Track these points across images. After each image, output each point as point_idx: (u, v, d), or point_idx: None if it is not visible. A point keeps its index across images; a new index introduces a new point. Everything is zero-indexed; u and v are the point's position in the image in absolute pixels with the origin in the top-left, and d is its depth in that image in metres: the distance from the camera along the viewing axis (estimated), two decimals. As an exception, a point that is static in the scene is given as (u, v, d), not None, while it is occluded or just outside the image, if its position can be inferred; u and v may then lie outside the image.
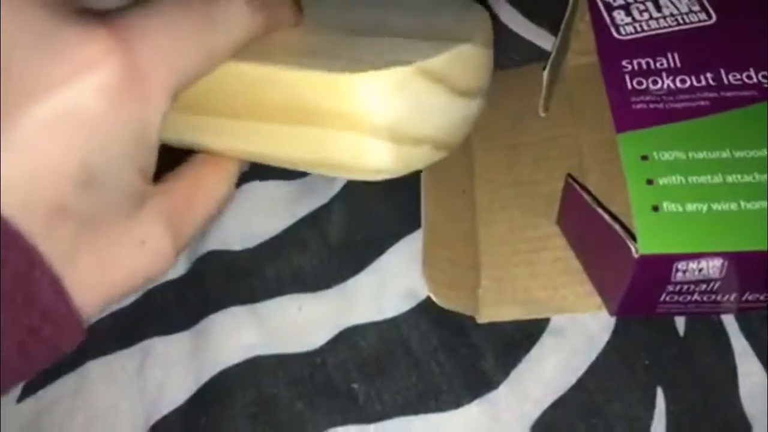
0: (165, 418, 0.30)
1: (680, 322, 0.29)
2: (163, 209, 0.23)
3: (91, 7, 0.20)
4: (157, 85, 0.20)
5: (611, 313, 0.28)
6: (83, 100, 0.19)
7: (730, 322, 0.28)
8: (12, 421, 0.30)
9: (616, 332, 0.29)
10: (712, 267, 0.24)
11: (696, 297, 0.25)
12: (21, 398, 0.31)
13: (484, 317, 0.29)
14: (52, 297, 0.19)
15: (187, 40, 0.21)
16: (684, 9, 0.29)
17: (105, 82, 0.19)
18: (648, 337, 0.28)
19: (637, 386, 0.28)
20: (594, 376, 0.28)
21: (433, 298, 0.30)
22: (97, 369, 0.31)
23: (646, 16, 0.29)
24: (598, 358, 0.28)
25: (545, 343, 0.29)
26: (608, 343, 0.29)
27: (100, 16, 0.19)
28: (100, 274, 0.21)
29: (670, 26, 0.28)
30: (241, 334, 0.31)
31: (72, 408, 0.30)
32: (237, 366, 0.30)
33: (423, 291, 0.31)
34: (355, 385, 0.29)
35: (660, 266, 0.24)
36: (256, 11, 0.23)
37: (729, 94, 0.26)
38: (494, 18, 0.38)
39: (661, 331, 0.28)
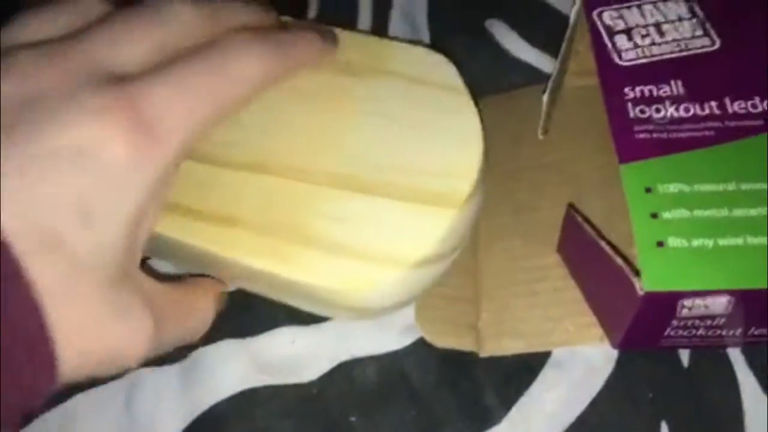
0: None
1: (685, 354, 0.28)
2: (148, 296, 0.23)
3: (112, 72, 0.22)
4: (164, 135, 0.22)
5: (614, 346, 0.27)
6: (90, 141, 0.20)
7: (735, 354, 0.28)
8: None
9: (618, 364, 0.28)
10: (718, 303, 0.23)
11: (701, 331, 0.25)
12: None
13: (485, 351, 0.29)
14: (37, 335, 0.19)
15: (195, 92, 0.23)
16: (687, 34, 0.28)
17: (112, 127, 0.20)
18: (652, 370, 0.28)
19: (641, 420, 0.27)
20: (597, 409, 0.28)
21: (427, 339, 0.29)
22: (84, 402, 0.30)
23: (648, 41, 0.28)
24: (600, 391, 0.28)
25: (546, 376, 0.28)
26: (611, 375, 0.28)
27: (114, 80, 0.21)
28: (80, 332, 0.20)
29: (672, 52, 0.28)
30: (233, 366, 0.30)
31: None
32: (229, 399, 0.29)
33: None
34: (353, 419, 0.29)
35: (665, 303, 0.23)
36: (268, 56, 0.25)
37: (734, 123, 0.26)
38: (491, 39, 0.37)
39: (665, 363, 0.28)
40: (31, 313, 0.19)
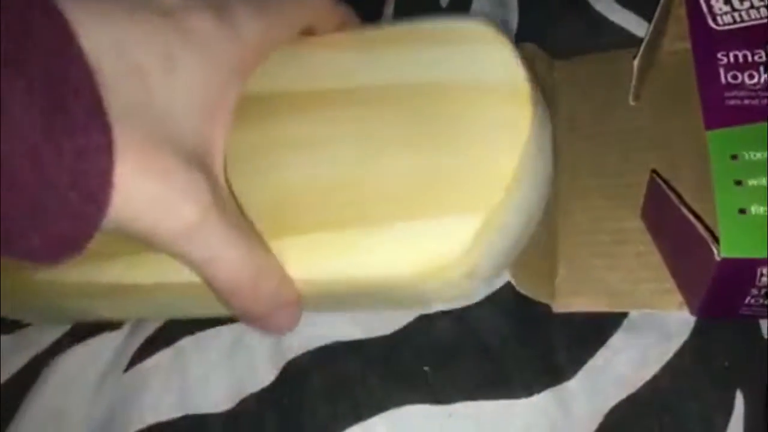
0: (253, 395, 0.31)
1: (765, 324, 0.28)
2: (223, 200, 0.24)
3: None
4: (245, 34, 0.25)
5: (693, 314, 0.27)
6: (181, 8, 0.23)
7: (818, 326, 0.27)
8: (119, 388, 0.32)
9: (695, 332, 0.28)
10: (799, 274, 0.23)
11: (782, 301, 0.25)
12: (127, 368, 0.33)
13: (559, 306, 0.29)
14: (103, 158, 0.20)
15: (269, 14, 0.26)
16: (789, -2, 0.27)
17: (202, 7, 0.23)
18: (729, 339, 0.28)
19: (715, 388, 0.27)
20: (669, 374, 0.28)
21: (513, 281, 0.30)
22: (190, 344, 0.33)
23: (747, 4, 0.28)
24: (674, 357, 0.28)
25: (620, 339, 0.29)
26: (686, 342, 0.28)
27: None
28: (140, 170, 0.21)
29: (772, 16, 0.27)
30: (321, 319, 0.32)
31: (168, 377, 0.32)
32: (316, 350, 0.31)
33: (496, 281, 0.31)
34: (426, 368, 0.30)
35: (743, 270, 0.23)
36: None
37: (830, 91, 0.25)
38: (582, 0, 0.37)
39: (743, 333, 0.28)
40: (99, 130, 0.20)
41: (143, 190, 0.21)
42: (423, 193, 0.25)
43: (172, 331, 0.33)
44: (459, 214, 0.24)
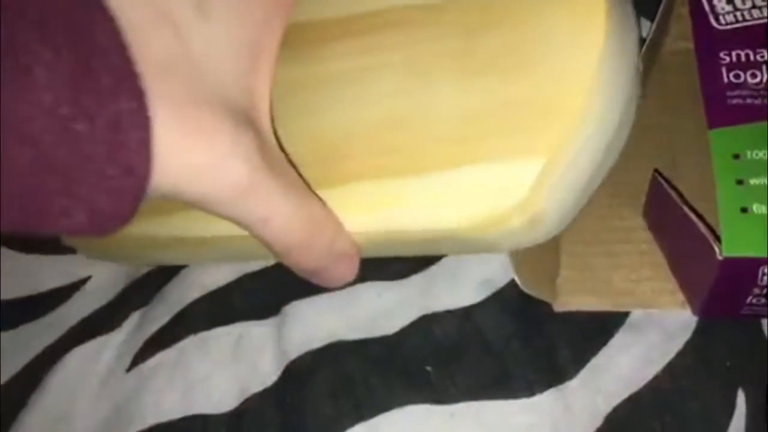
0: (257, 394, 0.31)
1: (766, 324, 0.28)
2: (272, 154, 0.22)
3: None
4: None
5: (695, 313, 0.27)
6: None
7: (820, 326, 0.27)
8: (120, 388, 0.32)
9: (696, 331, 0.28)
10: (802, 273, 0.23)
11: (785, 301, 0.25)
12: (129, 368, 0.33)
13: (561, 305, 0.29)
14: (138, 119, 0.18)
15: None
16: (791, -3, 0.27)
17: None
18: (731, 338, 0.28)
19: (717, 387, 0.27)
20: (671, 374, 0.28)
21: (517, 280, 0.30)
22: (193, 344, 0.33)
23: (749, 4, 0.28)
24: (676, 356, 0.28)
25: (622, 338, 0.29)
26: (688, 341, 0.28)
27: None
28: (179, 126, 0.19)
29: (774, 15, 0.27)
30: (323, 319, 0.32)
31: (171, 377, 0.32)
32: (319, 349, 0.31)
33: (499, 280, 0.31)
34: (429, 368, 0.30)
35: (745, 269, 0.23)
36: None
37: (833, 90, 0.25)
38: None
39: (745, 332, 0.28)
40: (133, 95, 0.18)
41: (186, 157, 0.19)
42: (478, 134, 0.22)
43: (175, 330, 0.33)
44: (518, 157, 0.21)
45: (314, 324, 0.32)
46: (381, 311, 0.32)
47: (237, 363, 0.32)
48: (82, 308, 0.35)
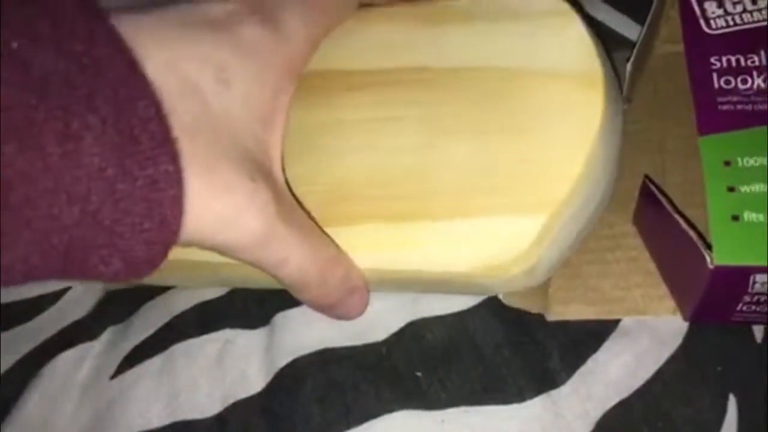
0: (243, 400, 0.31)
1: (759, 329, 0.28)
2: (283, 199, 0.24)
3: None
4: (290, 32, 0.25)
5: (685, 319, 0.27)
6: (230, 19, 0.24)
7: (812, 330, 0.27)
8: (105, 395, 0.32)
9: (687, 337, 0.28)
10: (793, 280, 0.23)
11: (774, 308, 0.25)
12: (113, 376, 0.33)
13: (553, 315, 0.29)
14: (172, 177, 0.20)
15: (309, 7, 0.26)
16: (782, 1, 0.27)
17: (248, 12, 0.24)
18: (722, 343, 0.28)
19: (708, 392, 0.27)
20: (662, 379, 0.27)
21: (500, 296, 0.30)
22: (180, 351, 0.32)
23: (739, 8, 0.28)
24: (667, 362, 0.28)
25: (613, 344, 0.28)
26: (679, 347, 0.28)
27: None
28: (204, 184, 0.21)
29: (765, 20, 0.27)
30: (313, 327, 0.32)
31: (156, 385, 0.32)
32: (308, 356, 0.31)
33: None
34: (419, 374, 0.30)
35: (736, 277, 0.23)
36: None
37: (824, 96, 0.25)
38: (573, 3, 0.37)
39: (736, 337, 0.28)
40: (169, 159, 0.20)
41: (211, 209, 0.22)
42: (486, 188, 0.24)
43: (161, 339, 0.33)
44: (521, 213, 0.24)
45: (303, 332, 0.32)
46: (371, 318, 0.31)
47: (224, 370, 0.32)
48: (63, 316, 0.35)
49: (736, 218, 0.23)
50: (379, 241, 0.25)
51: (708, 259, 0.23)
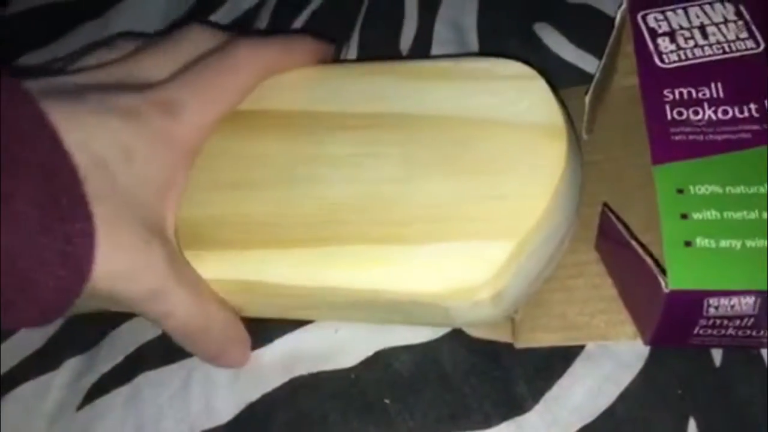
0: (210, 431, 0.31)
1: (717, 353, 0.28)
2: (177, 260, 0.28)
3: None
4: (186, 117, 0.29)
5: (645, 343, 0.28)
6: (135, 109, 0.28)
7: (768, 355, 0.28)
8: (70, 428, 0.32)
9: (649, 361, 0.28)
10: (745, 304, 0.24)
11: (731, 331, 0.25)
12: (80, 407, 0.33)
13: (521, 343, 0.30)
14: (86, 238, 0.25)
15: (206, 86, 0.30)
16: (732, 37, 0.28)
17: (149, 105, 0.28)
18: (682, 367, 0.28)
19: (669, 416, 0.27)
20: (624, 403, 0.28)
21: (464, 329, 0.30)
22: (147, 381, 0.33)
23: (691, 43, 0.29)
24: (629, 386, 0.28)
25: (577, 370, 0.29)
26: (641, 371, 0.28)
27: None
28: (112, 245, 0.25)
29: (715, 54, 0.28)
30: (282, 358, 0.32)
31: (124, 415, 0.32)
32: (278, 388, 0.31)
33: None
34: (387, 401, 0.30)
35: (690, 302, 0.24)
36: (265, 52, 0.32)
37: (772, 126, 0.26)
38: (540, 43, 0.38)
39: (696, 362, 0.28)
40: (84, 218, 0.24)
41: (115, 263, 0.25)
42: (458, 217, 0.27)
43: (129, 369, 0.33)
44: (490, 240, 0.26)
45: (271, 363, 0.32)
46: (338, 346, 0.32)
47: (188, 398, 0.32)
48: (23, 345, 0.35)
49: (688, 244, 0.24)
50: (358, 262, 0.27)
51: (663, 283, 0.24)
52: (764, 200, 0.24)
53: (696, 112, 0.27)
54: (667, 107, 0.27)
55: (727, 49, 0.28)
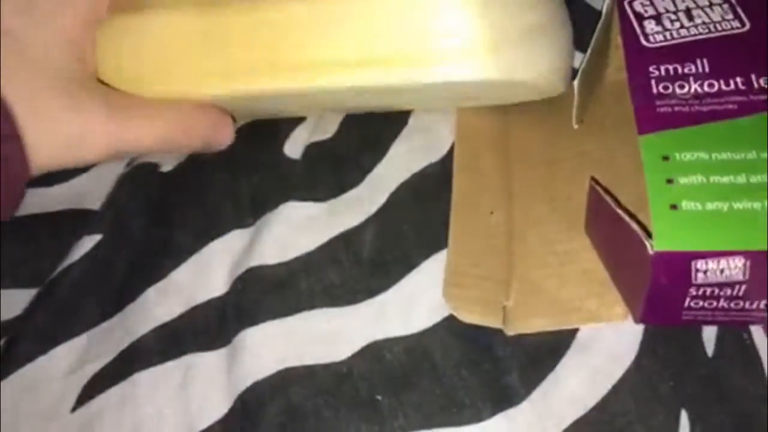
0: (207, 429, 0.30)
1: (709, 343, 0.28)
2: (107, 97, 0.28)
3: None
4: None
5: (636, 321, 0.27)
6: None
7: (762, 343, 0.27)
8: (66, 430, 0.32)
9: (641, 352, 0.28)
10: (734, 268, 0.23)
11: (723, 303, 0.24)
12: (74, 408, 0.32)
13: (511, 329, 0.29)
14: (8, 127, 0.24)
15: None
16: (717, 18, 0.29)
17: None
18: (674, 357, 0.27)
19: (661, 408, 0.27)
20: (617, 396, 0.27)
21: (455, 314, 0.30)
22: (143, 380, 0.32)
23: (677, 25, 0.29)
24: (621, 378, 0.28)
25: (570, 361, 0.28)
26: (633, 362, 0.28)
27: None
28: (40, 120, 0.25)
29: (701, 34, 0.28)
30: (272, 347, 0.31)
31: (120, 416, 0.31)
32: (268, 378, 0.31)
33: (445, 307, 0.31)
34: (379, 397, 0.29)
35: (678, 265, 0.23)
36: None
37: (759, 97, 0.26)
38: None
39: (688, 351, 0.27)
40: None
41: (58, 132, 0.25)
42: None
43: (122, 367, 0.33)
44: None
45: (264, 352, 0.31)
46: (331, 338, 0.31)
47: (187, 397, 0.31)
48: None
49: (674, 207, 0.24)
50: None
51: (648, 246, 0.23)
52: (751, 165, 0.24)
53: (682, 86, 0.27)
54: (653, 82, 0.27)
55: (712, 29, 0.28)
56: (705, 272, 0.23)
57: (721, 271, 0.23)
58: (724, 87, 0.26)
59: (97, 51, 0.28)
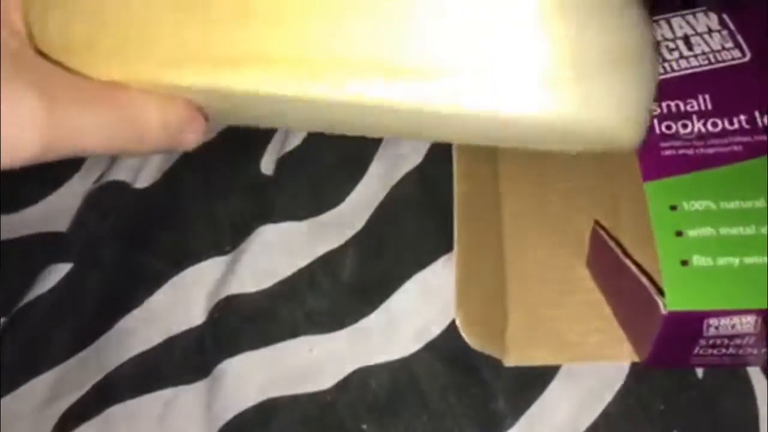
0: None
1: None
2: (47, 83, 0.22)
3: None
4: None
5: (643, 363, 0.27)
6: None
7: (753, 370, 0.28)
8: None
9: (631, 376, 0.28)
10: (746, 323, 0.23)
11: (731, 350, 0.25)
12: None
13: (512, 360, 0.29)
14: None
15: None
16: (716, 47, 0.28)
17: None
18: (665, 381, 0.28)
19: (653, 430, 0.27)
20: (607, 420, 0.28)
21: (466, 338, 0.29)
22: (118, 415, 0.31)
23: (676, 55, 0.28)
24: (611, 402, 0.28)
25: (558, 386, 0.28)
26: (623, 386, 0.28)
27: None
28: None
29: (701, 65, 0.27)
30: (254, 377, 0.31)
31: None
32: (250, 409, 0.30)
33: (434, 329, 0.31)
34: (364, 426, 0.29)
35: (690, 322, 0.23)
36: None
37: (764, 138, 0.25)
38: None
39: (678, 375, 0.28)
40: None
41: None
42: None
43: (98, 400, 0.32)
44: None
45: (244, 384, 0.31)
46: (314, 366, 0.31)
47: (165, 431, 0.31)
48: None
49: (685, 263, 0.23)
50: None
51: (661, 305, 0.23)
52: (761, 215, 0.24)
53: (685, 126, 0.26)
54: (656, 121, 0.26)
55: (712, 59, 0.28)
56: (716, 327, 0.23)
57: (733, 326, 0.23)
58: (728, 126, 0.26)
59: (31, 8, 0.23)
